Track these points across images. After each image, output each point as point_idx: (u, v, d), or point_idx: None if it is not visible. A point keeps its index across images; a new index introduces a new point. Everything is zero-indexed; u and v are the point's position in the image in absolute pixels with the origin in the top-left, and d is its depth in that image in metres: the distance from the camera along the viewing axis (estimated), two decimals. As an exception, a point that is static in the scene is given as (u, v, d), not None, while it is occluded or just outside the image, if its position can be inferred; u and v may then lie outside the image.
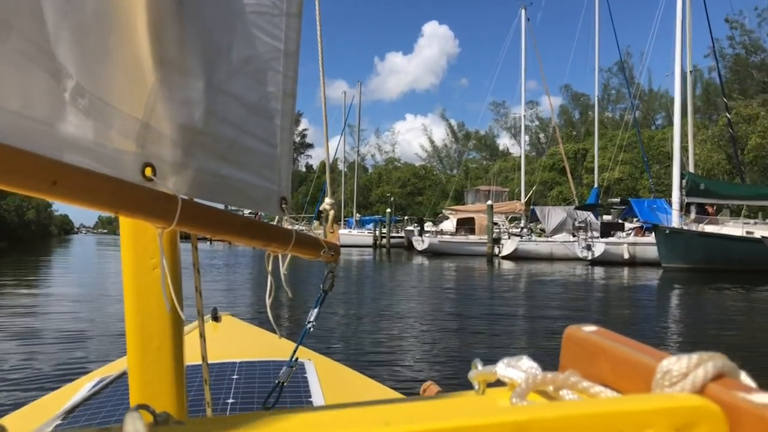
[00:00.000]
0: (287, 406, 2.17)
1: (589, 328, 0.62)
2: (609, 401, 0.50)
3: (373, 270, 29.08)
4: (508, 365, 0.61)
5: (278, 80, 1.37)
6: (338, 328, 10.19)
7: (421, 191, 76.82)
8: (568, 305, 15.01)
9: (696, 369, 0.50)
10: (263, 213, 1.50)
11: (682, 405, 0.47)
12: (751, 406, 0.45)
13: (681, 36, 26.81)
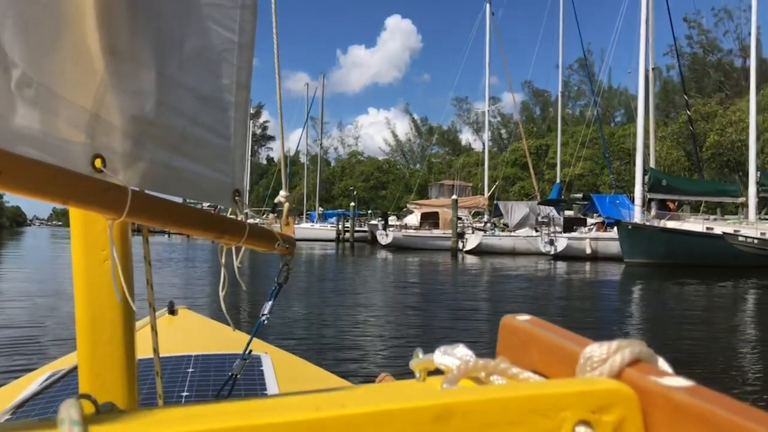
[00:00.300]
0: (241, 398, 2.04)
1: (523, 317, 0.65)
2: (530, 385, 0.53)
3: (335, 264, 28.83)
4: (445, 353, 0.63)
5: (232, 72, 1.37)
6: (299, 322, 10.19)
7: (385, 185, 76.73)
8: (529, 299, 15.00)
9: (614, 355, 0.52)
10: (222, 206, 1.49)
11: (599, 388, 0.49)
12: (661, 388, 0.48)
13: (645, 34, 27.07)
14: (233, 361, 2.08)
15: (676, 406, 0.46)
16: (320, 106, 64.70)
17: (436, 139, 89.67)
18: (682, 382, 0.48)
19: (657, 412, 0.48)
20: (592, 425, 0.49)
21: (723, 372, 7.38)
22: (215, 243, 1.38)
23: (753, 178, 26.93)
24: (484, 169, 44.47)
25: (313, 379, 2.87)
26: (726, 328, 10.90)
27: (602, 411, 0.49)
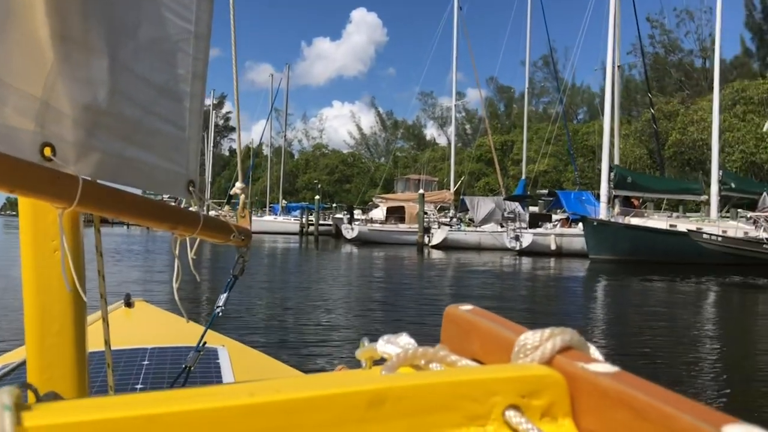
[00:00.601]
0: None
1: (466, 307, 0.66)
2: (462, 371, 0.54)
3: (299, 257, 28.55)
4: (387, 342, 0.65)
5: (188, 62, 1.36)
6: (260, 315, 10.18)
7: (349, 179, 76.31)
8: (493, 295, 14.96)
9: (546, 342, 0.54)
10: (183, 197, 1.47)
11: (529, 374, 0.51)
12: (588, 374, 0.49)
13: (613, 32, 27.23)
14: (189, 354, 2.04)
15: (602, 390, 0.48)
16: (285, 97, 64.05)
17: (401, 133, 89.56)
18: (608, 368, 0.50)
19: (584, 396, 0.49)
20: (521, 409, 0.50)
21: (680, 364, 7.51)
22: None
23: (715, 176, 27.31)
24: (450, 164, 44.39)
25: (269, 372, 2.85)
26: (686, 323, 11.09)
27: (532, 396, 0.50)
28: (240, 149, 2.43)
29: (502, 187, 43.37)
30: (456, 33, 44.12)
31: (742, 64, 64.38)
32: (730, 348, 8.90)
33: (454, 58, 44.29)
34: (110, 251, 24.67)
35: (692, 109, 42.39)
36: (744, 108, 38.49)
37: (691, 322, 11.19)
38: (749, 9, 57.70)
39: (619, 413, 0.46)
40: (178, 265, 1.40)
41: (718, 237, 20.63)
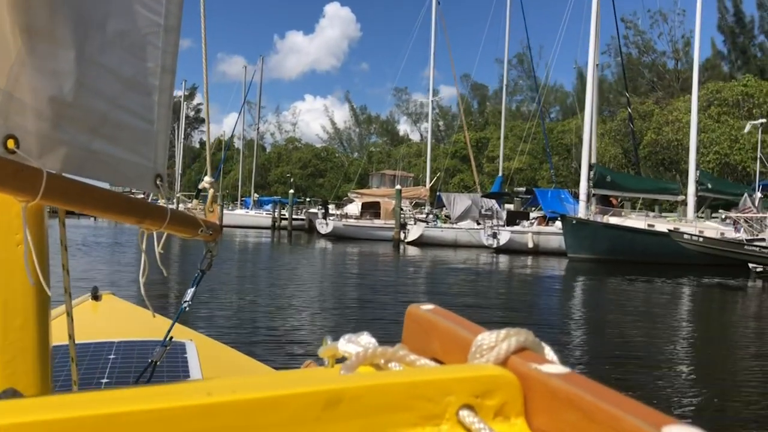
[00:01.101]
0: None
1: (427, 306, 0.67)
2: (418, 371, 0.55)
3: (272, 252, 28.10)
4: (349, 341, 0.65)
5: (157, 55, 1.35)
6: (230, 309, 10.13)
7: (323, 173, 75.66)
8: (472, 292, 14.79)
9: (501, 343, 0.54)
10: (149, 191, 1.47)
11: (483, 374, 0.52)
12: (540, 375, 0.50)
13: (595, 31, 27.18)
14: (156, 348, 2.01)
15: (552, 391, 0.49)
16: (258, 90, 63.14)
17: (375, 128, 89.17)
18: (559, 369, 0.51)
19: (536, 396, 0.50)
20: (475, 409, 0.50)
21: (652, 364, 7.54)
22: None
23: (692, 176, 27.41)
24: (427, 160, 44.08)
25: (238, 366, 2.82)
26: (662, 323, 11.03)
27: (485, 396, 0.51)
28: (209, 143, 2.42)
29: (477, 184, 43.21)
30: (434, 28, 43.81)
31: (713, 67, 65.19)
32: (703, 349, 8.87)
33: (432, 53, 43.96)
34: (78, 244, 24.23)
35: (667, 109, 42.68)
36: (719, 109, 38.86)
37: (666, 322, 11.14)
38: (722, 12, 58.39)
39: (568, 414, 0.47)
40: (144, 260, 1.40)
41: (699, 238, 20.61)
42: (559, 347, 8.50)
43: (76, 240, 26.57)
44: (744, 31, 57.96)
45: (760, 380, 6.92)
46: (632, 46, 64.85)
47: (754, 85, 39.72)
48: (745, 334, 10.38)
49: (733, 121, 37.74)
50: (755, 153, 37.16)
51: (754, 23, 58.16)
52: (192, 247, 23.04)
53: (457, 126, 79.72)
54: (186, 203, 1.67)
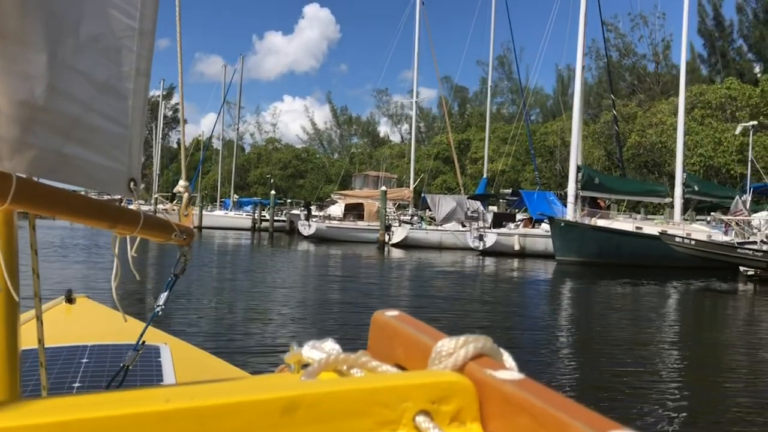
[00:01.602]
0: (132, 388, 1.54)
1: (392, 312, 0.68)
2: (377, 377, 0.56)
3: (253, 254, 27.56)
4: (313, 347, 0.66)
5: (131, 59, 1.35)
6: (209, 313, 10.06)
7: (303, 174, 74.95)
8: (460, 296, 14.44)
9: (460, 349, 0.55)
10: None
11: (440, 380, 0.53)
12: (495, 381, 0.51)
13: (583, 33, 27.02)
14: (129, 352, 1.98)
15: (506, 397, 0.50)
16: (238, 89, 62.29)
17: (355, 129, 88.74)
18: (514, 376, 0.52)
19: (491, 402, 0.52)
20: (431, 414, 0.52)
21: (635, 369, 7.39)
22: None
23: (679, 179, 27.31)
24: (411, 161, 43.66)
25: (212, 370, 2.79)
26: (657, 328, 10.70)
27: (441, 401, 0.52)
28: (184, 148, 2.42)
29: (461, 185, 42.92)
30: (418, 28, 43.42)
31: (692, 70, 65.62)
32: (696, 355, 8.66)
33: (416, 53, 43.61)
34: (54, 246, 23.69)
35: (651, 111, 42.71)
36: (702, 112, 38.93)
37: (659, 327, 10.93)
38: (702, 16, 58.80)
39: (520, 419, 0.48)
40: (117, 264, 1.41)
41: (690, 241, 20.41)
42: (544, 352, 8.13)
43: (53, 242, 25.98)
44: (723, 34, 58.42)
45: (754, 389, 6.68)
46: (613, 49, 65.14)
47: (738, 88, 39.88)
48: (742, 339, 10.09)
49: (717, 123, 37.86)
50: (739, 156, 37.34)
51: (733, 27, 58.68)
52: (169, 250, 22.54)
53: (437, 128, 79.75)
54: (163, 203, 1.17)
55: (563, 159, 49.82)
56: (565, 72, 73.13)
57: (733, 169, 36.30)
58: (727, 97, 39.11)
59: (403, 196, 40.82)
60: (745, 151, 36.72)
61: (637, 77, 62.94)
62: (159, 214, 1.68)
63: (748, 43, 58.93)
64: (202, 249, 30.50)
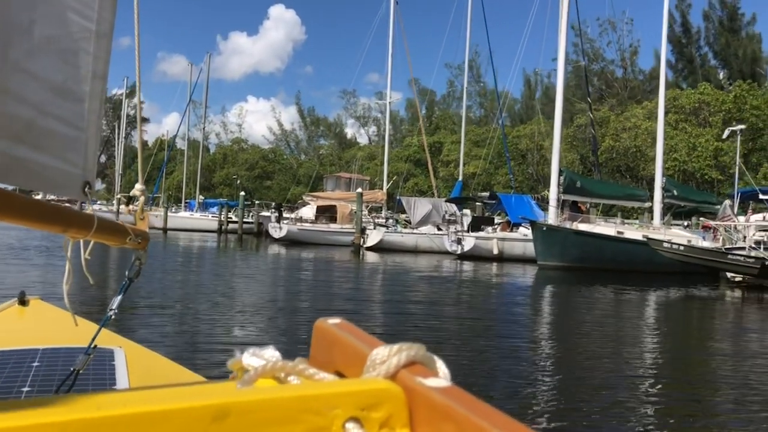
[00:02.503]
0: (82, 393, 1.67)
1: (334, 320, 0.68)
2: (309, 384, 0.58)
3: (221, 257, 26.65)
4: (253, 354, 0.67)
5: (88, 61, 1.33)
6: (172, 316, 9.90)
7: (270, 175, 73.70)
8: (440, 302, 13.96)
9: (392, 357, 0.57)
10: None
11: (370, 388, 0.54)
12: (423, 388, 0.53)
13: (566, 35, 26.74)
14: (80, 356, 1.92)
15: (432, 404, 0.51)
16: (205, 88, 60.76)
17: (323, 131, 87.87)
18: (442, 383, 0.53)
19: (420, 409, 0.53)
20: (361, 421, 0.52)
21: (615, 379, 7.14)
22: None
23: (659, 183, 27.14)
24: (384, 163, 42.94)
25: (167, 375, 2.69)
26: (644, 337, 10.40)
27: (371, 408, 0.53)
28: (141, 151, 2.53)
29: (434, 188, 42.39)
30: (392, 27, 42.77)
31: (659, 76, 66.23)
32: (681, 365, 8.24)
33: (390, 54, 42.94)
34: (9, 246, 22.72)
35: (624, 116, 42.77)
36: (676, 117, 39.04)
37: (647, 336, 10.59)
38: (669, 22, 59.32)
39: (445, 425, 0.49)
40: (69, 268, 1.42)
41: (679, 246, 20.12)
42: (528, 361, 7.74)
43: (11, 243, 25.00)
44: (691, 41, 59.12)
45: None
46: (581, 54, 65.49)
47: (711, 94, 40.17)
48: (746, 349, 9.64)
49: (691, 128, 38.01)
50: (713, 161, 37.57)
51: (700, 34, 59.42)
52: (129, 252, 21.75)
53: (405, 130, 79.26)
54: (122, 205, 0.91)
55: (536, 162, 49.75)
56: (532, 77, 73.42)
57: (707, 174, 36.47)
58: (701, 102, 39.34)
59: (377, 198, 40.06)
60: (720, 156, 36.98)
61: (606, 82, 63.35)
62: (112, 215, 1.83)
63: (714, 50, 59.78)
64: (167, 251, 29.70)
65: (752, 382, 7.19)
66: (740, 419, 5.87)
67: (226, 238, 42.36)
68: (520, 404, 5.87)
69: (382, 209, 39.77)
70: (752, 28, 59.17)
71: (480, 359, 7.92)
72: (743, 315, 14.32)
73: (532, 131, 49.23)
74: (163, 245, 33.24)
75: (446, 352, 8.13)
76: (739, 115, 37.56)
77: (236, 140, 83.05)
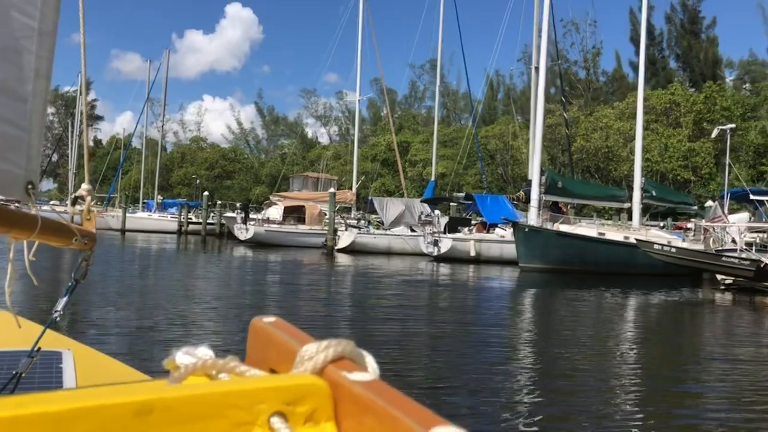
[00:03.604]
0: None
1: (269, 318, 0.69)
2: (235, 381, 0.58)
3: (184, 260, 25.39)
4: (186, 353, 0.67)
5: (31, 60, 1.31)
6: (127, 320, 9.71)
7: (230, 175, 71.94)
8: (422, 308, 13.23)
9: (320, 353, 0.58)
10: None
11: (296, 383, 0.55)
12: (347, 382, 0.55)
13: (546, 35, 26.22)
14: (23, 359, 1.90)
15: (355, 397, 0.53)
16: (163, 85, 58.76)
17: (283, 130, 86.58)
18: (365, 377, 0.55)
19: (344, 402, 0.55)
20: (286, 415, 0.54)
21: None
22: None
23: (638, 183, 26.80)
24: (354, 162, 41.91)
25: (117, 376, 2.58)
26: (636, 343, 10.02)
27: (296, 403, 0.55)
28: (87, 150, 2.67)
29: (404, 188, 41.55)
30: (361, 23, 41.78)
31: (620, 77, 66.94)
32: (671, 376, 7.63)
33: (359, 50, 41.93)
34: None
35: (595, 116, 42.62)
36: (647, 117, 38.99)
37: (640, 343, 10.02)
38: (633, 24, 59.81)
39: (366, 417, 0.51)
40: (11, 269, 1.37)
41: (671, 248, 19.67)
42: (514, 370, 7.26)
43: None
44: (654, 43, 59.59)
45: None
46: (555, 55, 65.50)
47: (681, 94, 40.26)
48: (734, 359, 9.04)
49: (662, 129, 37.99)
50: (685, 161, 37.61)
51: (663, 36, 59.98)
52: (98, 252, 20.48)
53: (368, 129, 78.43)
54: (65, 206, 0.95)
55: (505, 163, 49.40)
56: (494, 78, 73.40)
57: (680, 175, 36.47)
58: (671, 102, 39.38)
59: (346, 198, 39.04)
60: (691, 157, 37.02)
61: (570, 84, 63.49)
62: (54, 215, 1.58)
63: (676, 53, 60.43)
64: (126, 253, 28.46)
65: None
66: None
67: (186, 239, 40.94)
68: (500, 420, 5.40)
69: (351, 210, 38.78)
70: (712, 31, 60.07)
71: (467, 370, 7.19)
72: (751, 320, 13.81)
73: (501, 131, 48.88)
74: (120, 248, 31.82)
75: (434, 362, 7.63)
76: (710, 116, 37.81)
77: (195, 139, 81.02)
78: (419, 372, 7.13)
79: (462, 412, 5.57)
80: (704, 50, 58.17)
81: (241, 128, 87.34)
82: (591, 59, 64.28)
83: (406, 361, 7.68)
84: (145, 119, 59.56)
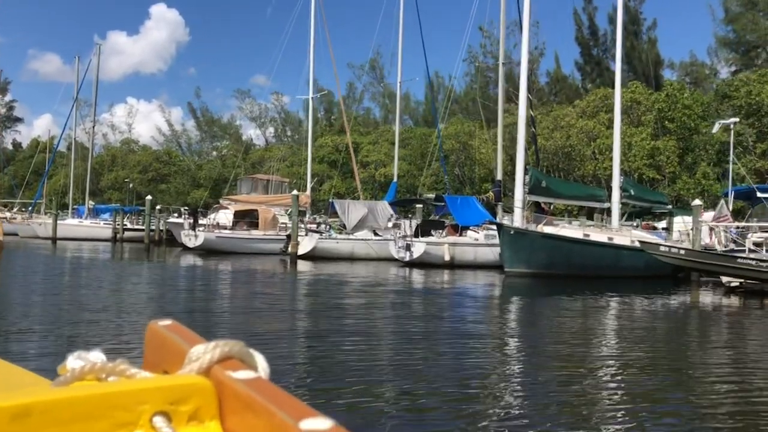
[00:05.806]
0: None
1: (165, 322, 0.69)
2: (120, 383, 0.59)
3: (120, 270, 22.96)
4: (78, 357, 0.66)
5: None
6: (48, 329, 9.43)
7: (165, 178, 68.31)
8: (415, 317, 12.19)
9: (207, 354, 0.59)
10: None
11: (180, 383, 0.56)
12: (231, 381, 0.56)
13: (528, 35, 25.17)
14: None
15: (237, 395, 0.54)
16: (94, 85, 54.95)
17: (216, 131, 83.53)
18: (249, 376, 0.56)
19: (228, 400, 0.56)
20: (169, 415, 0.55)
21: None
22: None
23: (617, 183, 25.93)
24: (308, 164, 39.73)
25: (12, 380, 2.09)
26: (642, 352, 9.34)
27: (180, 402, 0.55)
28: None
29: (360, 191, 39.71)
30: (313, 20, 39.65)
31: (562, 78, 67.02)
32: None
33: (311, 47, 39.81)
34: None
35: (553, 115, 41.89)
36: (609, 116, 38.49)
37: (646, 352, 9.31)
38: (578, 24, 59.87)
39: (246, 413, 0.53)
40: None
41: (679, 250, 18.60)
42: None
43: None
44: (598, 44, 59.86)
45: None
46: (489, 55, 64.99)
47: (642, 92, 39.97)
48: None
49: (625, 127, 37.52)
50: (650, 160, 37.21)
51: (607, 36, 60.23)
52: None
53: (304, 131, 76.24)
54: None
55: (461, 163, 48.23)
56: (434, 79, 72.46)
57: (645, 174, 36.01)
58: (633, 101, 39.01)
59: (301, 201, 36.87)
60: (656, 156, 36.61)
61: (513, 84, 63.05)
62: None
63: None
64: (56, 261, 26.60)
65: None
66: None
67: (122, 247, 38.06)
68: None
69: (306, 213, 36.63)
70: (653, 32, 60.80)
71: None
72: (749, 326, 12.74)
73: (457, 131, 47.74)
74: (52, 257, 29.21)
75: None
76: (671, 114, 37.68)
77: (126, 141, 76.81)
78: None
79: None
80: (646, 51, 58.73)
81: (172, 130, 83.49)
82: (534, 60, 64.01)
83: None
84: (74, 121, 55.57)
